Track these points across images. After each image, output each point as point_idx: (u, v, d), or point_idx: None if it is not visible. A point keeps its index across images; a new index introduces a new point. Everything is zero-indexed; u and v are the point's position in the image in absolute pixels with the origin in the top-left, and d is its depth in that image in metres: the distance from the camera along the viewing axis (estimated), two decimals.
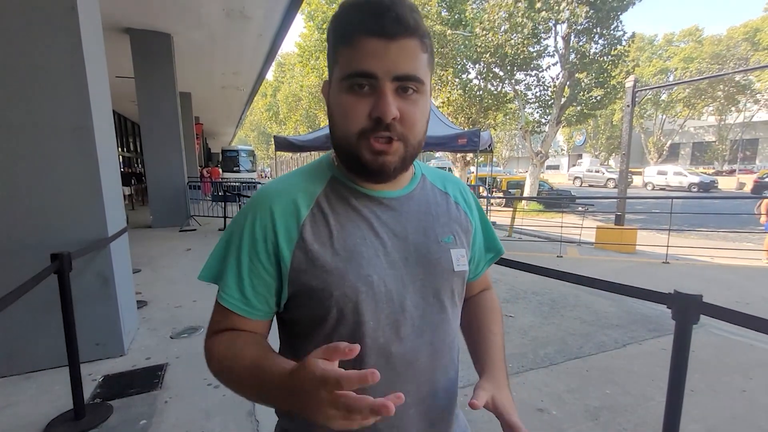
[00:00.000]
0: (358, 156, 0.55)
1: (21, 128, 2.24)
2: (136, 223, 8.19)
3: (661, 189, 24.13)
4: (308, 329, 0.60)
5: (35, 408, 2.09)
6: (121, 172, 8.26)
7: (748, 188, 20.67)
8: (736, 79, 25.44)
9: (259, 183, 9.61)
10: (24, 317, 2.33)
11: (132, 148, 17.15)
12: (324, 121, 22.55)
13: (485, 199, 11.30)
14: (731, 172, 27.85)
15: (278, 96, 33.40)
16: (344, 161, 0.60)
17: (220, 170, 16.46)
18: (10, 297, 1.41)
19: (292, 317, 0.62)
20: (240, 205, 7.47)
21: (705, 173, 25.16)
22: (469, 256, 0.70)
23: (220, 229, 7.76)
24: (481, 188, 12.69)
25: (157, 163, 7.59)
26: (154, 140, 7.52)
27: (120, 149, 14.60)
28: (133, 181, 13.27)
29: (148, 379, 2.37)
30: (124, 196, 10.06)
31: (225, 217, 7.96)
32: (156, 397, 2.19)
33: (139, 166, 17.41)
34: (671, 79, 29.02)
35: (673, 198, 6.69)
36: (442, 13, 13.87)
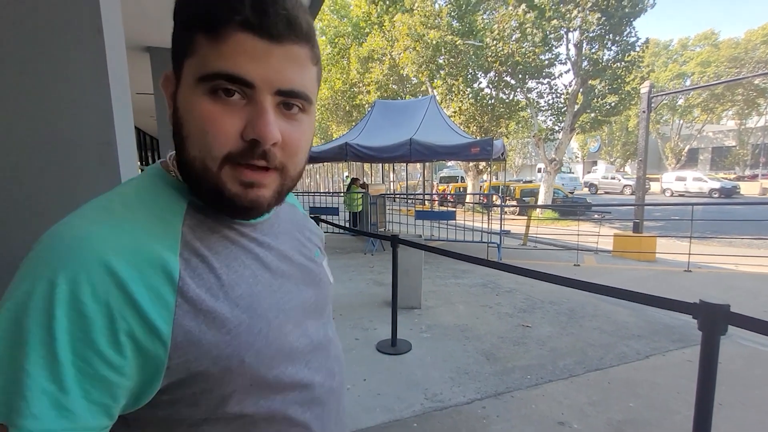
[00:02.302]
0: (220, 187, 0.40)
1: (48, 144, 2.33)
2: None
3: (680, 195, 23.53)
4: (206, 414, 0.42)
5: None
6: None
7: None
8: (756, 82, 24.85)
9: None
10: None
11: (151, 161, 17.63)
12: (337, 133, 22.85)
13: (499, 208, 11.21)
14: (753, 177, 27.00)
15: None
16: (198, 191, 0.43)
17: None
18: None
19: (163, 411, 0.41)
20: None
21: (726, 178, 24.45)
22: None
23: None
24: (494, 197, 12.61)
25: None
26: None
27: (140, 162, 15.02)
28: None
29: None
30: None
31: None
32: None
33: None
34: (688, 83, 28.55)
35: (693, 204, 6.53)
36: (453, 24, 13.99)
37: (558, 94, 14.09)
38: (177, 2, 0.41)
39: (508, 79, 13.91)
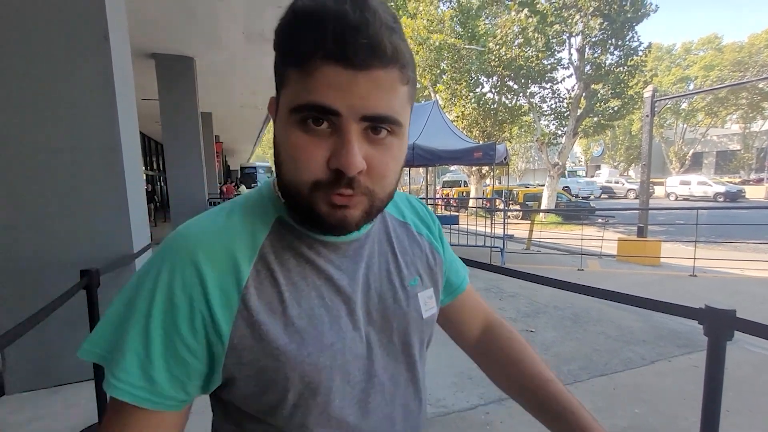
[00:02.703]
0: (312, 208, 0.42)
1: (54, 149, 2.36)
2: (158, 239, 8.41)
3: (684, 199, 23.41)
4: (259, 414, 0.46)
5: (63, 421, 2.13)
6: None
7: None
8: (760, 86, 24.77)
9: None
10: (53, 332, 2.40)
11: (155, 166, 17.73)
12: None
13: (502, 212, 11.19)
14: (759, 181, 26.84)
15: None
16: (294, 210, 0.46)
17: (235, 187, 16.75)
18: (42, 313, 1.47)
19: (233, 399, 0.47)
20: None
21: (731, 182, 24.32)
22: (440, 295, 0.60)
23: None
24: (497, 201, 12.60)
25: (179, 181, 7.83)
26: (177, 159, 7.78)
27: (144, 168, 15.12)
28: (156, 198, 13.68)
29: None
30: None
31: None
32: None
33: (161, 183, 17.96)
34: (691, 87, 28.48)
35: (698, 208, 6.49)
36: (456, 28, 14.06)
37: (561, 99, 14.10)
38: (274, 37, 0.43)
39: (510, 83, 13.94)
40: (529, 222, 9.05)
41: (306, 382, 0.44)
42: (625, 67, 12.55)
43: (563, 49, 13.26)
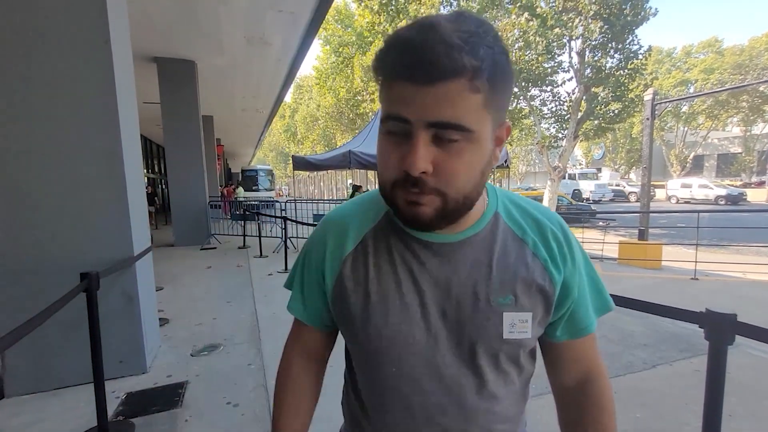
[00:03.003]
0: (394, 203, 0.51)
1: (55, 152, 2.37)
2: (159, 241, 8.42)
3: (685, 202, 23.37)
4: (352, 359, 0.65)
5: (62, 425, 2.12)
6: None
7: None
8: (761, 89, 24.76)
9: (277, 201, 9.78)
10: (52, 335, 2.40)
11: (156, 169, 17.77)
12: (341, 141, 22.96)
13: None
14: (760, 184, 26.78)
15: (296, 117, 34.27)
16: (387, 204, 0.54)
17: (234, 190, 16.66)
18: (42, 316, 1.47)
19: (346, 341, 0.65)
20: (259, 223, 7.61)
21: (732, 185, 24.27)
22: (546, 320, 0.58)
23: (239, 247, 7.89)
24: None
25: (180, 184, 7.85)
26: (178, 162, 7.80)
27: (145, 171, 15.15)
28: (156, 200, 13.68)
29: (169, 397, 2.39)
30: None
31: (245, 236, 8.09)
32: (177, 416, 2.20)
33: (163, 185, 17.98)
34: (692, 90, 28.48)
35: (699, 212, 6.47)
36: None
37: (561, 102, 14.11)
38: (372, 63, 0.50)
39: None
40: None
41: (368, 345, 0.57)
42: (626, 70, 12.57)
43: (563, 53, 13.29)
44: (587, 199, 24.23)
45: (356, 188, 8.74)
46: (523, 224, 0.58)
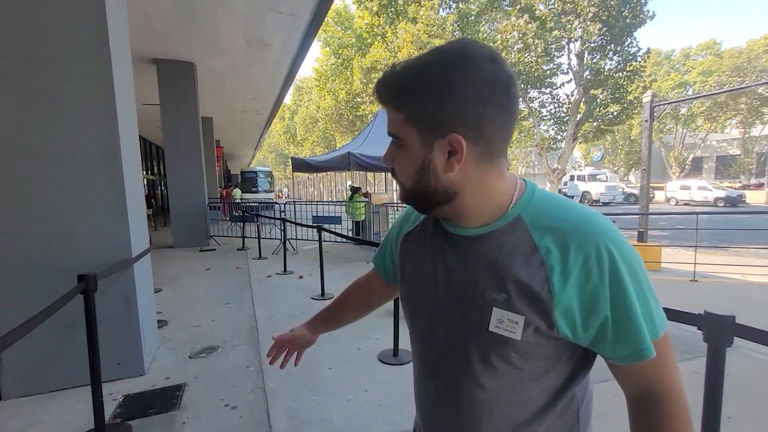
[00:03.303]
0: None
1: (53, 154, 2.37)
2: (158, 243, 8.40)
3: (684, 204, 23.37)
4: None
5: (59, 427, 2.12)
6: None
7: None
8: (759, 91, 24.84)
9: (276, 203, 9.78)
10: (49, 336, 2.39)
11: (156, 171, 17.77)
12: (339, 143, 22.96)
13: None
14: (759, 186, 26.82)
15: (296, 118, 34.30)
16: None
17: (230, 191, 16.51)
18: (39, 317, 1.46)
19: None
20: (258, 225, 7.60)
21: (731, 187, 24.29)
22: (549, 331, 0.57)
23: (239, 249, 7.87)
24: None
25: (179, 185, 7.84)
26: (177, 163, 7.80)
27: (144, 172, 15.14)
28: (153, 202, 13.66)
29: (167, 399, 2.38)
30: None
31: (244, 237, 8.09)
32: (174, 418, 2.19)
33: (162, 187, 17.97)
34: (690, 92, 28.57)
35: (698, 213, 6.48)
36: (456, 34, 14.14)
37: (560, 104, 14.15)
38: None
39: None
40: None
41: (405, 308, 0.73)
42: (624, 73, 12.61)
43: (562, 55, 13.34)
44: (597, 202, 23.84)
45: (355, 190, 8.74)
46: (546, 230, 0.57)
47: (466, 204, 0.60)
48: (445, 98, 0.54)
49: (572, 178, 26.20)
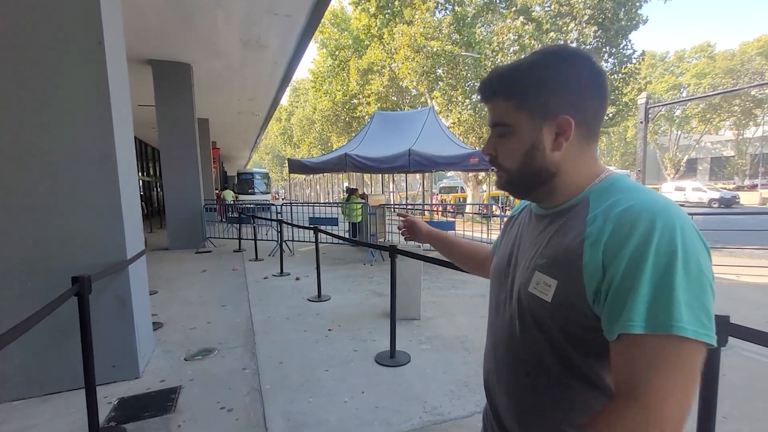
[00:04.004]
0: None
1: (47, 155, 2.35)
2: (153, 245, 8.36)
3: (680, 205, 23.51)
4: None
5: (53, 431, 2.09)
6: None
7: None
8: (752, 93, 25.08)
9: (273, 204, 9.75)
10: (43, 339, 2.37)
11: (152, 172, 17.68)
12: (337, 143, 22.95)
13: (498, 218, 11.20)
14: (753, 187, 27.05)
15: (292, 120, 34.24)
16: None
17: (222, 193, 16.20)
18: (32, 320, 1.45)
19: None
20: (254, 227, 7.56)
21: (725, 188, 24.48)
22: (580, 299, 0.57)
23: (235, 251, 7.84)
24: (494, 207, 12.63)
25: (175, 187, 7.81)
26: (173, 165, 7.76)
27: (140, 174, 15.06)
28: (143, 205, 13.56)
29: (162, 402, 2.37)
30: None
31: (240, 239, 8.06)
32: (170, 421, 2.18)
33: (158, 189, 17.87)
34: (684, 95, 28.79)
35: (693, 214, 6.52)
36: (452, 36, 14.18)
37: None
38: None
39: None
40: None
41: (491, 278, 0.83)
42: (620, 74, 12.69)
43: None
44: None
45: (351, 191, 8.73)
46: (601, 204, 0.61)
47: (559, 183, 0.67)
48: (553, 86, 0.64)
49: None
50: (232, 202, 13.35)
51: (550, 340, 0.64)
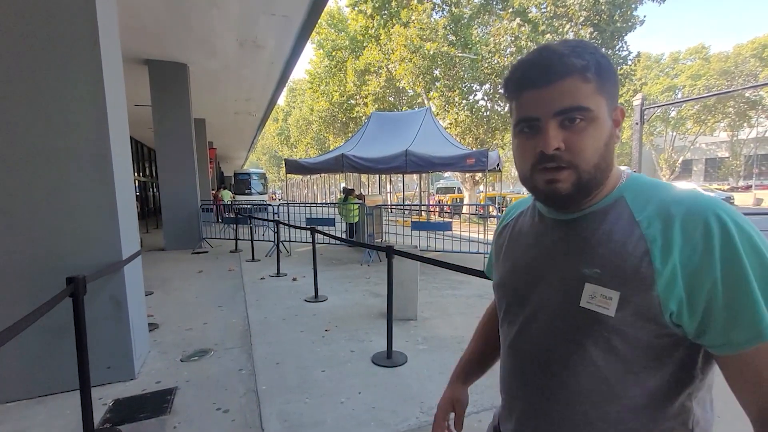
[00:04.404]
0: (535, 186, 0.61)
1: (42, 154, 2.33)
2: (149, 245, 8.31)
3: None
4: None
5: None
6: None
7: (766, 204, 20.14)
8: (746, 94, 25.29)
9: (270, 205, 9.72)
10: (37, 340, 2.35)
11: (148, 172, 17.59)
12: (334, 144, 22.95)
13: (495, 218, 11.23)
14: (747, 188, 27.27)
15: (289, 120, 34.20)
16: (528, 190, 0.65)
17: (220, 193, 16.10)
18: (26, 321, 1.44)
19: None
20: (251, 227, 7.54)
21: (720, 189, 24.67)
22: (652, 310, 0.53)
23: (231, 251, 7.82)
24: (491, 207, 12.66)
25: (171, 188, 7.77)
26: (169, 165, 7.73)
27: (136, 174, 14.98)
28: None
29: (158, 403, 2.35)
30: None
31: (237, 240, 8.03)
32: (165, 422, 2.17)
33: (154, 189, 17.78)
34: (679, 96, 28.99)
35: None
36: (448, 37, 14.21)
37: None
38: (503, 85, 0.64)
39: (503, 91, 14.10)
40: None
41: (498, 291, 0.76)
42: None
43: None
44: None
45: (348, 192, 8.73)
46: (648, 204, 0.57)
47: (605, 182, 0.61)
48: (614, 73, 0.59)
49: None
50: (229, 203, 13.30)
51: (620, 363, 0.55)
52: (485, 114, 14.49)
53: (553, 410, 0.62)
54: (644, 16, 12.56)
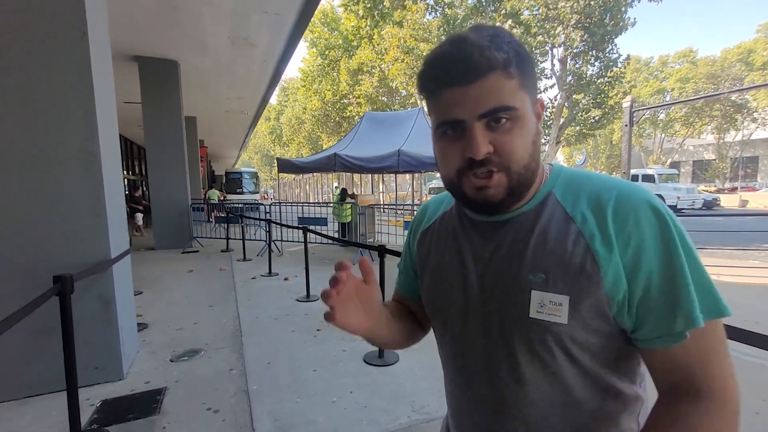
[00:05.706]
0: (463, 194, 0.56)
1: (29, 152, 2.29)
2: (139, 245, 8.21)
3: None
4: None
5: None
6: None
7: (751, 205, 20.53)
8: (732, 98, 25.79)
9: (261, 204, 9.66)
10: (23, 340, 2.31)
11: (137, 171, 17.36)
12: (326, 143, 22.88)
13: None
14: (733, 190, 27.81)
15: (281, 119, 34.03)
16: (454, 197, 0.60)
17: (207, 192, 15.84)
18: (11, 320, 1.41)
19: None
20: (243, 226, 7.50)
21: (707, 191, 25.11)
22: (605, 311, 0.51)
23: (222, 251, 7.75)
24: None
25: (161, 186, 7.68)
26: (159, 163, 7.64)
27: (125, 172, 14.77)
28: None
29: (147, 403, 2.33)
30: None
31: (228, 239, 7.97)
32: (154, 423, 2.14)
33: (143, 187, 17.55)
34: (668, 98, 29.44)
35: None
36: (441, 38, 14.27)
37: (543, 108, 14.44)
38: (417, 82, 0.58)
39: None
40: None
41: (428, 306, 0.68)
42: (606, 78, 12.93)
43: (546, 60, 13.59)
44: (673, 207, 16.93)
45: (344, 192, 8.71)
46: (577, 199, 0.55)
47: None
48: (532, 63, 0.55)
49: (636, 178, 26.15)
50: (217, 202, 13.19)
51: (577, 368, 0.54)
52: None
53: (509, 425, 0.58)
54: (634, 19, 12.73)
